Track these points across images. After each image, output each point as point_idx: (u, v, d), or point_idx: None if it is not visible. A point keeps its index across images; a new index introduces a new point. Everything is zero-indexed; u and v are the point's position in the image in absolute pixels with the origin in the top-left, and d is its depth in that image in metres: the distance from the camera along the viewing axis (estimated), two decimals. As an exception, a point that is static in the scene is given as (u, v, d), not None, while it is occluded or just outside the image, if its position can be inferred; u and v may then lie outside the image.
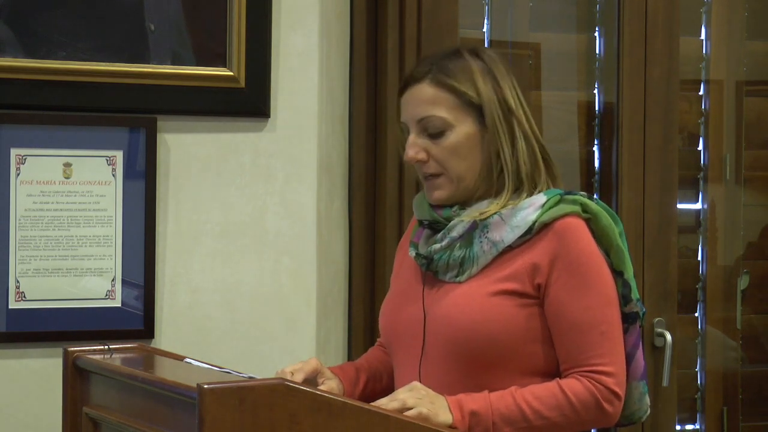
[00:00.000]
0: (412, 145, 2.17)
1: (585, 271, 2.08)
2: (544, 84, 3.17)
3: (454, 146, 2.14)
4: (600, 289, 2.09)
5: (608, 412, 2.08)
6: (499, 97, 2.16)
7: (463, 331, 2.09)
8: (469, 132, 2.15)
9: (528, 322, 2.10)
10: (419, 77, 2.17)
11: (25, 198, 2.70)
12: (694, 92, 3.31)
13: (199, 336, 2.80)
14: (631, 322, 2.16)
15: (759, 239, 3.40)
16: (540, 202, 2.12)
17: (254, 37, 2.80)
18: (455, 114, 2.15)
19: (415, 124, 2.17)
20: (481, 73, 2.16)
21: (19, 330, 2.69)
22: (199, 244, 2.81)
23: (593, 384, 2.07)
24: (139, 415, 1.90)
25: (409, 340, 2.18)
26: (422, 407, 1.96)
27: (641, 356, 2.18)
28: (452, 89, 2.14)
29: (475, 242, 2.13)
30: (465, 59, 2.18)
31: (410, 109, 2.18)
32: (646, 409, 2.22)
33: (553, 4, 3.20)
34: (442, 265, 2.15)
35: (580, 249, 2.09)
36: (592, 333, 2.08)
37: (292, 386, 1.73)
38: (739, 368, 3.34)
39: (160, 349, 2.35)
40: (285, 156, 2.85)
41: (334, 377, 2.24)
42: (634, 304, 2.14)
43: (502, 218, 2.12)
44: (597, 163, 3.20)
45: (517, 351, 2.09)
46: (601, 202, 2.16)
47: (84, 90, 2.71)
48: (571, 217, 2.11)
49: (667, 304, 3.15)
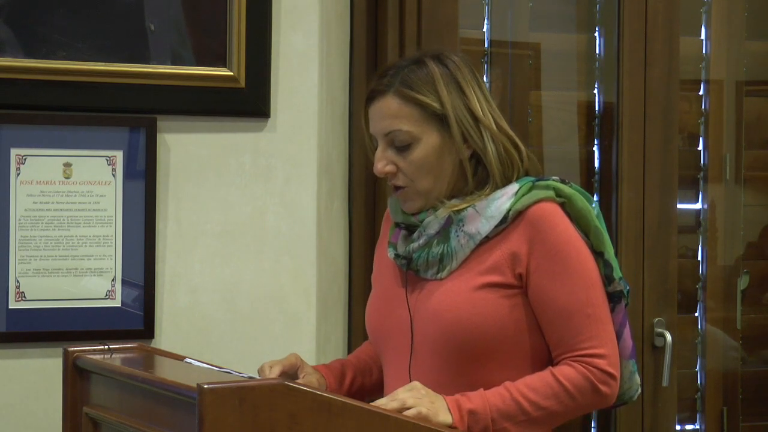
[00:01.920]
0: (381, 158, 2.18)
1: (564, 256, 2.09)
2: (544, 84, 3.17)
3: (421, 160, 2.15)
4: (581, 272, 2.10)
5: (605, 393, 2.09)
6: (464, 104, 2.16)
7: (451, 327, 2.10)
8: (435, 143, 2.16)
9: (513, 313, 2.11)
10: (384, 90, 2.17)
11: (25, 198, 2.70)
12: (694, 92, 3.31)
13: (199, 336, 2.80)
14: (617, 301, 2.17)
15: (759, 239, 3.40)
16: (513, 190, 2.13)
17: (254, 37, 2.80)
18: (420, 126, 2.15)
19: (382, 138, 2.18)
20: (444, 82, 2.16)
21: (19, 330, 2.69)
22: (199, 244, 2.81)
23: (586, 368, 2.08)
24: (139, 415, 1.89)
25: (396, 340, 2.19)
26: (422, 407, 1.96)
27: (629, 335, 2.19)
28: (416, 102, 2.15)
29: (452, 237, 2.14)
30: (428, 68, 2.17)
31: (376, 122, 2.19)
32: (637, 387, 2.23)
33: (553, 4, 3.20)
34: (421, 263, 2.16)
35: (557, 234, 2.10)
36: (579, 316, 2.09)
37: (292, 386, 1.73)
38: (739, 368, 3.34)
39: (160, 349, 2.35)
40: (285, 156, 2.85)
41: (315, 372, 2.25)
42: (618, 282, 2.15)
43: (476, 210, 2.13)
44: (597, 163, 3.20)
45: (505, 342, 2.10)
46: (575, 185, 2.17)
47: (84, 90, 2.71)
48: (545, 203, 2.12)
49: (667, 304, 3.15)
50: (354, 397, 1.99)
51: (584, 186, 3.17)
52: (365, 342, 2.44)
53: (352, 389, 2.30)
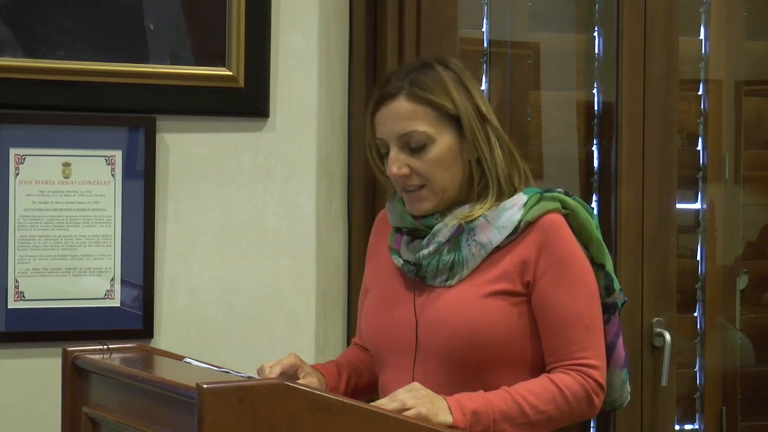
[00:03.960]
0: (395, 161, 2.18)
1: (569, 267, 2.13)
2: (543, 84, 3.17)
3: (437, 159, 2.16)
4: (583, 283, 2.14)
5: (595, 404, 2.13)
6: (472, 105, 2.18)
7: (459, 334, 2.11)
8: (449, 143, 2.17)
9: (520, 320, 2.13)
10: (394, 93, 2.18)
11: (25, 198, 2.70)
12: (694, 92, 3.31)
13: (198, 336, 2.80)
14: (612, 312, 2.20)
15: (758, 239, 3.40)
16: (522, 201, 2.15)
17: (253, 36, 2.80)
18: (435, 127, 2.16)
19: (395, 140, 2.18)
20: (453, 84, 2.18)
21: (18, 330, 2.69)
22: (199, 243, 2.81)
23: (583, 377, 2.11)
24: (139, 414, 1.89)
25: (400, 345, 2.19)
26: (422, 407, 1.96)
27: (622, 345, 2.23)
28: (429, 102, 2.16)
29: (462, 245, 2.16)
30: (436, 71, 2.19)
31: (389, 125, 2.18)
32: (627, 396, 2.28)
33: (553, 4, 3.20)
34: (431, 270, 2.17)
35: (564, 245, 2.13)
36: (578, 327, 2.12)
37: (292, 386, 1.73)
38: (738, 368, 3.34)
39: (159, 348, 2.35)
40: (284, 156, 2.85)
41: (315, 371, 2.25)
42: (617, 294, 2.19)
43: (487, 220, 2.16)
44: (596, 162, 3.20)
45: (511, 349, 2.13)
46: (578, 198, 2.20)
47: (83, 90, 2.71)
48: (552, 214, 2.15)
49: (666, 304, 3.15)
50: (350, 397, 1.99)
51: (583, 186, 3.18)
52: (350, 346, 2.45)
53: (348, 389, 2.30)
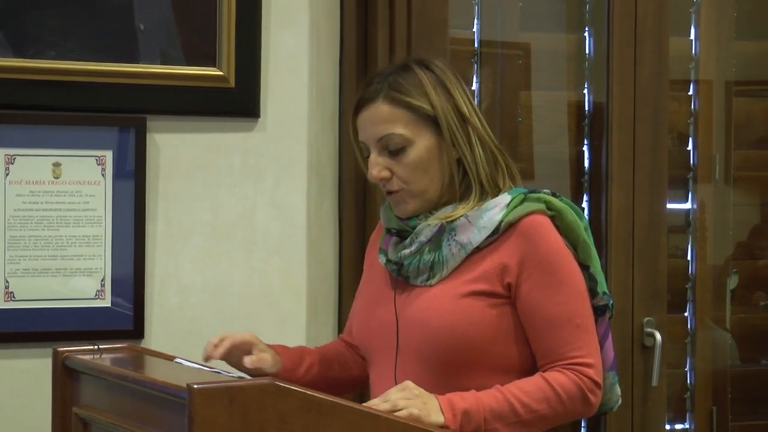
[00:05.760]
0: (375, 164, 2.19)
1: (555, 268, 2.11)
2: (533, 84, 3.18)
3: (415, 162, 2.17)
4: (571, 284, 2.12)
5: (591, 402, 2.11)
6: (452, 106, 2.18)
7: (436, 333, 2.11)
8: (428, 145, 2.17)
9: (499, 322, 2.12)
10: (373, 96, 2.18)
11: (15, 198, 2.69)
12: (684, 92, 3.31)
13: (189, 336, 2.79)
14: (600, 313, 2.19)
15: (748, 239, 3.41)
16: (505, 201, 2.15)
17: (244, 36, 2.80)
18: (413, 129, 2.16)
19: (375, 144, 2.19)
20: (432, 85, 2.18)
21: (8, 330, 2.68)
22: (189, 244, 2.81)
23: (577, 376, 2.09)
24: (129, 415, 1.89)
25: (382, 343, 2.20)
26: (413, 408, 1.96)
27: (611, 347, 2.22)
28: (407, 105, 2.16)
29: (443, 245, 2.16)
30: (415, 73, 2.19)
31: (368, 129, 2.19)
32: (617, 399, 2.25)
33: (543, 4, 3.20)
34: (412, 270, 2.17)
35: (548, 246, 2.12)
36: (568, 327, 2.11)
37: (282, 386, 1.73)
38: (728, 368, 3.34)
39: (149, 349, 2.35)
40: (275, 156, 2.85)
41: (270, 350, 2.24)
42: (601, 297, 2.18)
43: (468, 220, 2.15)
44: (587, 163, 3.21)
45: (490, 350, 2.12)
46: (565, 199, 2.19)
47: (73, 90, 2.70)
48: (536, 215, 2.14)
49: (656, 304, 3.15)
50: (307, 385, 1.97)
51: (574, 186, 3.18)
52: (336, 339, 2.45)
53: (307, 376, 2.28)
